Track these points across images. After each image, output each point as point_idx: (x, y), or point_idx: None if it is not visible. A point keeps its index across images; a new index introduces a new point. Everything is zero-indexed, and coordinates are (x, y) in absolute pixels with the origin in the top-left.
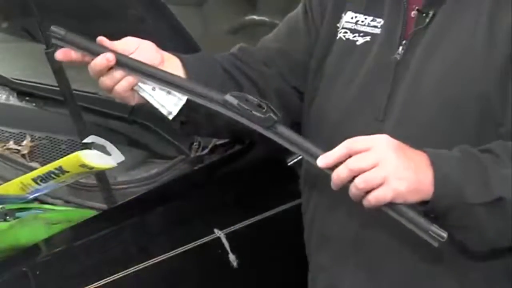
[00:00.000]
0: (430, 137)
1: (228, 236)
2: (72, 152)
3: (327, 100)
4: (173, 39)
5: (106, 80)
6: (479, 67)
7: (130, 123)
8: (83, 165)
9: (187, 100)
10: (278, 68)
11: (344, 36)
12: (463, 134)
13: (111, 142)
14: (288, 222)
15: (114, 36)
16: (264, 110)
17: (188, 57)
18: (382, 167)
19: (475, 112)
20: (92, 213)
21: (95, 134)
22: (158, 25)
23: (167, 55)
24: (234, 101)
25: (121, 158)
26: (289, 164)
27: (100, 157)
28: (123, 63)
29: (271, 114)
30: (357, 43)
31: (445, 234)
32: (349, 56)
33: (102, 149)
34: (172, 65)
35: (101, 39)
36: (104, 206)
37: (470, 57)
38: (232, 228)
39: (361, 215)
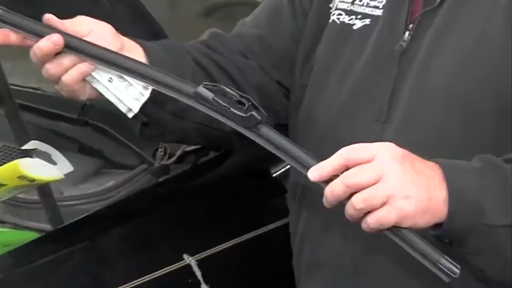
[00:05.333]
0: (440, 141)
1: (200, 263)
2: (8, 161)
3: (318, 98)
4: (132, 23)
5: (52, 68)
6: (496, 58)
7: (81, 125)
8: (22, 177)
9: (151, 97)
10: (258, 59)
11: (338, 18)
12: (478, 137)
13: (57, 149)
14: (272, 245)
15: (63, 19)
16: (245, 108)
17: (152, 45)
18: (385, 182)
19: (492, 110)
20: (34, 235)
21: (37, 139)
22: (115, 6)
23: (127, 42)
24: (209, 95)
25: (70, 168)
26: (273, 175)
27: (43, 166)
28: (74, 46)
29: (254, 113)
30: (354, 27)
31: (457, 270)
32: (344, 43)
33: (46, 157)
34: (133, 54)
35: (49, 18)
36: (48, 227)
37: (486, 46)
38: (205, 253)
39: (361, 238)
